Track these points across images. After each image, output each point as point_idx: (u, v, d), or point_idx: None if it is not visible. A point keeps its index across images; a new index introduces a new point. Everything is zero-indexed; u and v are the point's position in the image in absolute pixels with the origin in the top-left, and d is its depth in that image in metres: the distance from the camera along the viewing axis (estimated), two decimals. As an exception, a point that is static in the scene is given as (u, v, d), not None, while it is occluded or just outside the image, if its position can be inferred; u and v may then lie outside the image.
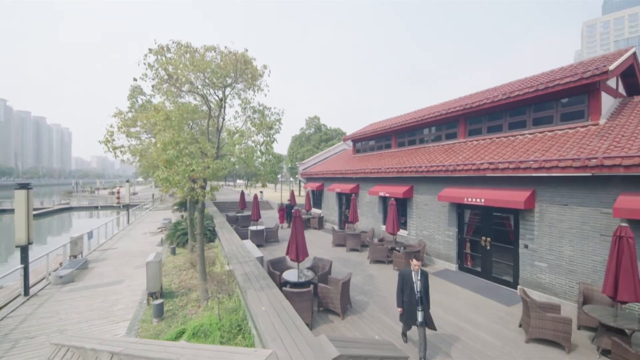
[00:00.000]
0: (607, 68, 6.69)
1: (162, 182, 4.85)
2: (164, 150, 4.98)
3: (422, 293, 4.62)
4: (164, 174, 4.82)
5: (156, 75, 5.32)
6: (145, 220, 23.72)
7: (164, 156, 4.85)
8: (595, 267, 6.00)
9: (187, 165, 4.80)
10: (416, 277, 4.69)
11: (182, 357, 3.79)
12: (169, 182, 4.79)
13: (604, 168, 5.50)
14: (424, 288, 4.65)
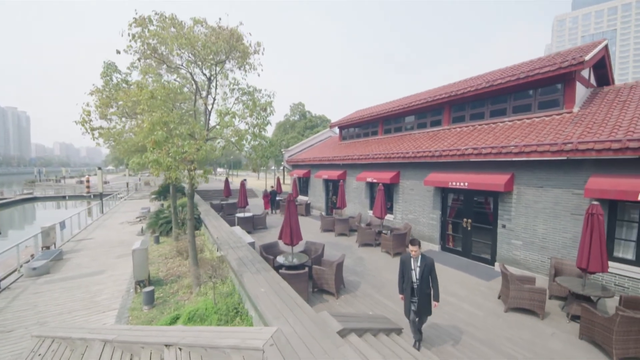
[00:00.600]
0: (583, 58, 7.11)
1: (151, 164, 4.61)
2: (151, 131, 4.71)
3: (420, 282, 4.17)
4: (153, 155, 4.58)
5: (142, 47, 4.93)
6: (120, 209, 22.62)
7: (153, 137, 4.59)
8: (565, 243, 6.58)
9: (178, 146, 4.58)
10: (415, 263, 4.27)
11: (183, 340, 3.76)
12: (159, 164, 4.56)
13: (578, 152, 5.94)
14: (424, 277, 4.17)
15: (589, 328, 4.47)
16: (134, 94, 5.27)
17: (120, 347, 4.23)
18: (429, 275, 4.22)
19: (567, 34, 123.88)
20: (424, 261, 4.23)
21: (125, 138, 13.84)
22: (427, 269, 4.20)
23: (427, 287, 4.22)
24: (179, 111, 5.67)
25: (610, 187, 5.49)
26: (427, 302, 4.25)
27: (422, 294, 4.21)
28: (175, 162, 4.60)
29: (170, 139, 4.71)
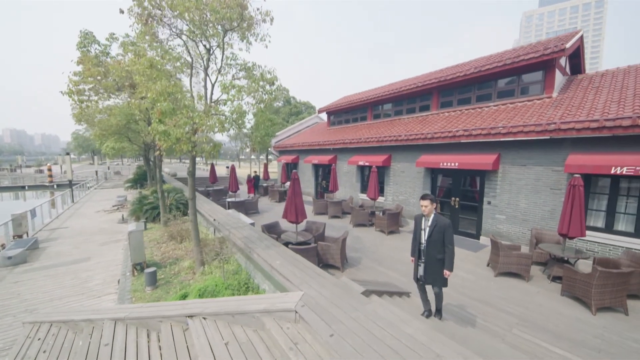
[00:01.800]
0: (564, 46, 7.67)
1: (160, 135, 4.39)
2: (155, 102, 4.47)
3: (427, 245, 3.82)
4: (161, 126, 4.36)
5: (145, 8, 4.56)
6: (93, 198, 21.17)
7: (159, 107, 4.36)
8: (544, 216, 7.28)
9: (188, 117, 4.40)
10: (425, 222, 3.88)
11: (206, 310, 3.77)
12: (168, 136, 4.36)
13: (560, 131, 6.52)
14: (432, 238, 3.79)
15: (570, 285, 5.08)
16: (131, 63, 4.92)
17: (134, 323, 4.13)
18: (441, 238, 3.76)
19: (534, 30, 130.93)
20: (435, 221, 3.81)
21: (100, 119, 12.90)
22: (438, 231, 3.76)
23: (437, 251, 3.78)
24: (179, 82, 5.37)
25: (588, 163, 6.12)
26: (436, 269, 3.81)
27: (429, 258, 3.81)
28: (187, 133, 4.42)
29: (176, 110, 4.49)
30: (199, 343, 3.25)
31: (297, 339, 3.02)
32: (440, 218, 3.87)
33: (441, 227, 3.81)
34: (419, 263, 4.00)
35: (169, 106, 4.43)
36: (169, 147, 4.50)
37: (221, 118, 4.92)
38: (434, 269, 3.84)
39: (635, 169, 5.47)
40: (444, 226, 3.81)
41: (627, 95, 6.70)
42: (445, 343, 2.75)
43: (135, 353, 3.57)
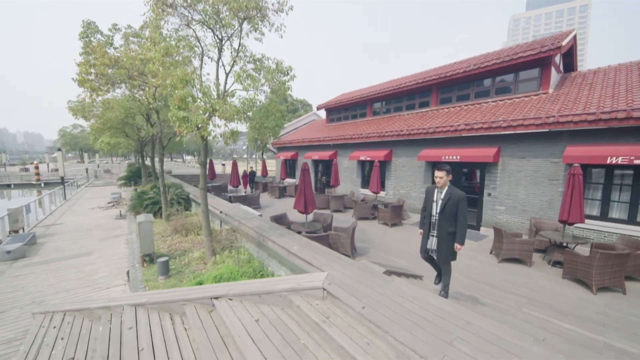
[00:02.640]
0: (560, 43, 8.02)
1: (180, 122, 4.40)
2: (175, 88, 4.48)
3: (439, 217, 3.64)
4: (181, 113, 4.38)
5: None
6: (85, 196, 20.70)
7: (179, 93, 4.38)
8: (542, 206, 7.60)
9: (208, 103, 4.44)
10: (438, 195, 3.71)
11: (232, 291, 3.83)
12: (189, 122, 4.38)
13: (559, 124, 6.82)
14: (445, 211, 3.60)
15: (572, 267, 5.35)
16: (146, 50, 4.91)
17: (156, 308, 4.15)
18: (455, 211, 3.57)
19: (521, 33, 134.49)
20: (449, 193, 3.61)
21: (96, 113, 12.65)
22: (452, 203, 3.57)
23: (449, 224, 3.59)
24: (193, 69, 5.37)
25: (584, 154, 6.43)
26: (447, 243, 3.63)
27: (441, 231, 3.65)
28: (207, 119, 4.45)
29: (195, 97, 4.52)
30: (229, 320, 3.32)
31: (328, 313, 3.13)
32: (454, 190, 3.66)
33: (455, 200, 3.59)
34: (429, 236, 3.82)
35: (188, 93, 4.46)
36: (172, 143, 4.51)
37: (237, 106, 4.95)
38: (445, 244, 3.66)
39: (629, 158, 5.79)
40: (458, 198, 3.59)
41: (620, 90, 7.08)
42: (469, 313, 2.91)
43: (161, 334, 3.60)
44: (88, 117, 13.04)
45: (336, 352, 2.73)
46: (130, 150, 23.43)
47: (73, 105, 12.05)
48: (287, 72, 5.46)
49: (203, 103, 4.41)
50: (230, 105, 4.75)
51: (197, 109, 4.34)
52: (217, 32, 5.61)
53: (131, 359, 3.19)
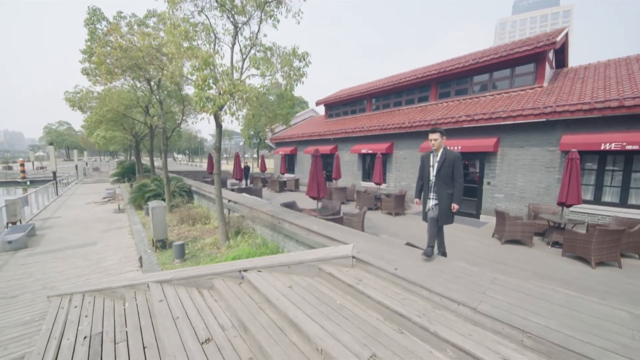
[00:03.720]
0: (555, 39, 8.46)
1: (204, 102, 4.47)
2: (197, 70, 4.56)
3: (437, 179, 3.59)
4: (203, 93, 4.46)
5: None
6: (77, 192, 20.22)
7: (202, 74, 4.46)
8: (539, 192, 8.00)
9: (230, 84, 4.53)
10: (434, 159, 3.66)
11: (260, 264, 3.95)
12: (213, 102, 4.46)
13: (556, 114, 7.22)
14: (441, 172, 3.55)
15: (571, 245, 5.70)
16: (167, 31, 4.95)
17: (182, 283, 4.22)
18: (451, 172, 3.53)
19: (508, 36, 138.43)
20: (445, 155, 3.58)
21: (93, 105, 12.43)
22: (448, 164, 3.54)
23: (447, 186, 3.56)
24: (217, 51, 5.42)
25: (580, 141, 6.84)
26: (446, 205, 3.57)
27: (440, 193, 3.59)
28: (232, 100, 4.54)
29: (217, 79, 4.61)
30: (263, 288, 3.44)
31: (360, 277, 3.30)
32: (449, 151, 3.62)
33: (451, 160, 3.56)
34: (429, 197, 3.73)
35: (211, 74, 4.55)
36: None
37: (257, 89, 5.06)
38: (445, 206, 3.58)
39: (622, 144, 6.22)
40: (453, 159, 3.55)
41: (611, 83, 7.54)
42: (493, 272, 3.14)
43: (193, 305, 3.69)
44: (85, 109, 12.80)
45: (372, 308, 2.91)
46: (126, 145, 22.98)
47: (70, 96, 11.79)
48: (303, 57, 5.60)
49: (227, 83, 4.48)
50: (251, 87, 4.85)
51: (221, 89, 4.42)
52: (232, 19, 5.72)
53: (167, 327, 3.27)
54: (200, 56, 4.38)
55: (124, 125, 14.50)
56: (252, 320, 3.04)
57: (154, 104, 10.82)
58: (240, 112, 4.99)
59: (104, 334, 3.69)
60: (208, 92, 4.56)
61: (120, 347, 3.42)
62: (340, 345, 2.39)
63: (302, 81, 5.82)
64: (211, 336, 3.07)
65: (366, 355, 2.27)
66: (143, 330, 3.50)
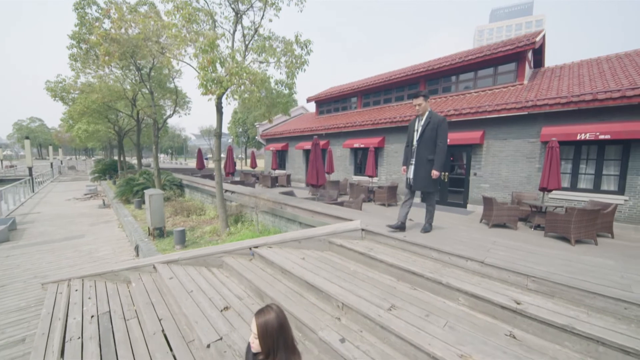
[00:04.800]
0: (534, 39, 9.10)
1: (211, 83, 4.50)
2: (203, 52, 4.59)
3: (419, 143, 3.43)
4: (210, 75, 4.50)
5: None
6: (54, 190, 19.18)
7: (208, 57, 4.49)
8: (522, 181, 8.55)
9: (237, 67, 4.59)
10: (419, 123, 3.48)
11: (270, 240, 4.04)
12: (219, 83, 4.50)
13: (537, 107, 7.78)
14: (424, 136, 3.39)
15: (553, 225, 6.18)
16: (168, 14, 4.94)
17: (191, 263, 4.23)
18: (434, 135, 3.34)
19: (486, 42, 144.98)
20: (429, 117, 3.39)
21: (75, 97, 11.93)
22: (431, 127, 3.34)
23: (428, 151, 3.37)
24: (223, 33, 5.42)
25: (558, 132, 7.41)
26: (425, 171, 3.39)
27: (419, 158, 3.43)
28: (239, 81, 4.60)
29: (223, 60, 4.65)
30: (277, 260, 3.54)
31: (371, 247, 3.48)
32: (434, 114, 3.46)
33: (435, 123, 3.38)
34: (410, 163, 3.64)
35: (217, 56, 4.59)
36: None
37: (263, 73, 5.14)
38: (423, 171, 3.41)
39: (595, 134, 6.82)
40: (437, 121, 3.38)
41: (585, 80, 8.23)
42: (494, 237, 3.42)
43: (204, 281, 3.73)
44: (66, 100, 12.24)
45: (385, 271, 3.10)
46: (105, 142, 22.06)
47: (52, 85, 11.25)
48: (305, 45, 5.73)
49: (235, 65, 4.53)
50: (257, 72, 4.93)
51: (229, 70, 4.47)
52: (233, 6, 5.77)
53: (183, 299, 3.30)
54: (207, 37, 4.41)
55: (108, 118, 13.97)
56: (268, 287, 3.14)
57: (144, 95, 10.54)
58: (245, 94, 5.04)
59: (111, 313, 3.65)
60: (213, 75, 4.60)
61: (131, 323, 3.41)
62: (361, 299, 2.56)
63: (303, 69, 5.94)
64: (229, 305, 3.14)
65: (386, 306, 2.44)
66: (155, 305, 3.50)
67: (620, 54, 9.46)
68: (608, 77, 7.87)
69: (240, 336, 2.59)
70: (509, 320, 2.17)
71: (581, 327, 1.87)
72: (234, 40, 5.92)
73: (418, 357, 1.99)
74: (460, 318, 2.27)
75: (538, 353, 1.88)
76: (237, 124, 28.17)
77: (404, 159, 3.80)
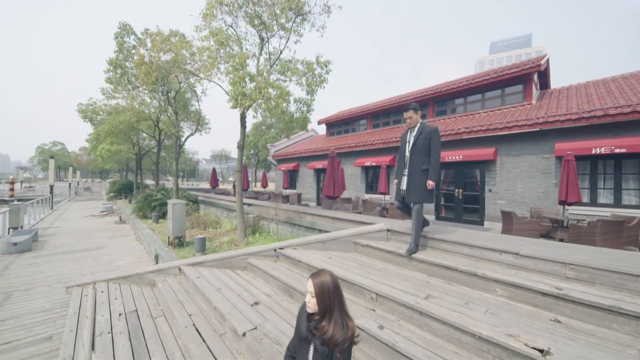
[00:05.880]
0: (539, 62, 9.53)
1: (240, 96, 4.87)
2: (236, 70, 5.02)
3: (411, 153, 3.33)
4: (240, 89, 4.88)
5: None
6: (72, 207, 19.72)
7: (240, 74, 4.91)
8: (539, 197, 8.48)
9: (265, 82, 4.98)
10: (410, 135, 3.44)
11: (295, 242, 4.10)
12: (250, 97, 4.87)
13: (548, 123, 7.95)
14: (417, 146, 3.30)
15: (577, 239, 6.02)
16: (205, 39, 5.48)
17: (216, 265, 4.29)
18: (427, 145, 3.27)
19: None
20: (421, 129, 3.35)
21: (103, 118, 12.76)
22: (424, 137, 3.29)
23: (421, 161, 3.27)
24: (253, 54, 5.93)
25: (573, 147, 7.48)
26: (420, 182, 3.23)
27: (413, 168, 3.30)
28: (266, 94, 4.96)
29: (252, 76, 5.06)
30: (304, 259, 3.58)
31: (398, 246, 3.51)
32: (426, 125, 3.43)
33: (427, 133, 3.33)
34: (403, 174, 3.45)
35: (247, 72, 5.01)
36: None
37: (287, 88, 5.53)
38: (417, 181, 3.26)
39: (610, 148, 6.87)
40: (430, 132, 3.34)
41: (593, 99, 8.45)
42: (522, 238, 3.41)
43: (231, 280, 3.77)
44: (95, 122, 13.09)
45: (415, 269, 3.10)
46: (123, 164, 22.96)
47: (83, 107, 12.12)
48: (325, 65, 6.19)
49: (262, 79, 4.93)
50: (281, 86, 5.33)
51: (259, 83, 4.86)
52: (260, 34, 6.37)
53: (213, 295, 3.33)
54: (239, 56, 4.87)
55: (131, 139, 14.73)
56: (297, 284, 3.16)
57: (169, 116, 11.21)
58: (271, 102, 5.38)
59: (138, 312, 3.68)
60: (244, 89, 4.99)
61: (159, 321, 3.42)
62: (396, 290, 2.57)
63: (323, 86, 6.35)
64: (259, 300, 3.15)
65: (422, 296, 2.45)
66: (183, 303, 3.53)
67: (625, 74, 9.76)
68: (617, 95, 8.08)
69: (275, 326, 2.59)
70: (551, 307, 2.15)
71: (629, 307, 1.85)
72: (259, 61, 6.45)
73: (462, 340, 1.98)
74: (501, 307, 2.26)
75: (586, 334, 1.86)
76: (249, 147, 29.08)
77: (396, 170, 3.64)
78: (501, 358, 1.79)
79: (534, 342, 1.74)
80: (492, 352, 1.83)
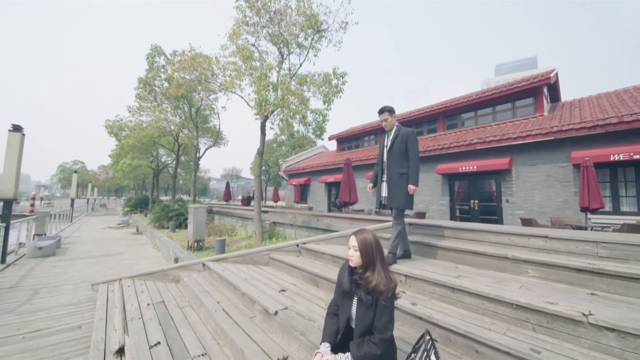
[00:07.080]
0: (549, 75, 9.74)
1: (264, 102, 5.20)
2: (259, 80, 5.41)
3: (389, 157, 3.21)
4: (264, 96, 5.23)
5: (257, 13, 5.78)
6: (89, 221, 20.29)
7: (264, 83, 5.28)
8: (559, 206, 8.31)
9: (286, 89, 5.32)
10: (387, 139, 3.29)
11: (316, 238, 4.17)
12: (274, 104, 5.19)
13: (563, 132, 7.98)
14: (393, 149, 3.17)
15: (602, 244, 5.85)
16: (232, 54, 5.96)
17: (238, 261, 4.37)
18: (404, 148, 3.13)
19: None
20: (397, 131, 3.22)
21: (127, 134, 13.51)
22: (400, 140, 3.14)
23: (399, 165, 3.12)
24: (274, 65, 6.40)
25: (590, 155, 7.44)
26: (399, 186, 3.10)
27: (391, 173, 3.16)
28: (288, 101, 5.28)
29: (277, 86, 5.43)
30: (329, 251, 3.64)
31: (421, 238, 3.53)
32: (402, 128, 3.30)
33: (404, 137, 3.17)
34: (382, 181, 3.31)
35: (270, 82, 5.38)
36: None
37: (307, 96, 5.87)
38: (396, 186, 3.13)
39: (629, 154, 6.82)
40: (406, 134, 3.17)
41: (607, 108, 8.50)
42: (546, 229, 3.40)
43: (255, 273, 3.83)
44: (119, 137, 13.85)
45: (442, 257, 3.12)
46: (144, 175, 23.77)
47: (110, 123, 12.91)
48: (342, 76, 6.56)
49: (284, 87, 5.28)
50: (301, 93, 5.67)
51: (283, 89, 5.21)
52: (280, 51, 6.87)
53: (240, 282, 3.39)
54: (265, 67, 5.27)
55: (152, 153, 15.41)
56: (323, 273, 3.21)
57: (190, 129, 11.80)
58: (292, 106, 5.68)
59: (165, 302, 3.76)
60: (266, 96, 5.34)
61: (186, 310, 3.49)
62: (427, 272, 2.60)
63: (339, 96, 6.68)
64: (286, 288, 3.20)
65: (453, 275, 2.47)
66: (210, 293, 3.59)
67: (637, 85, 9.82)
68: (630, 104, 8.11)
69: (305, 307, 2.63)
70: (586, 283, 2.15)
71: (669, 276, 1.85)
72: (279, 73, 6.90)
73: (498, 312, 1.99)
74: (535, 284, 2.27)
75: (625, 303, 1.86)
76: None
77: (373, 176, 3.46)
78: (541, 324, 1.80)
79: (575, 308, 1.75)
80: (531, 320, 1.84)
